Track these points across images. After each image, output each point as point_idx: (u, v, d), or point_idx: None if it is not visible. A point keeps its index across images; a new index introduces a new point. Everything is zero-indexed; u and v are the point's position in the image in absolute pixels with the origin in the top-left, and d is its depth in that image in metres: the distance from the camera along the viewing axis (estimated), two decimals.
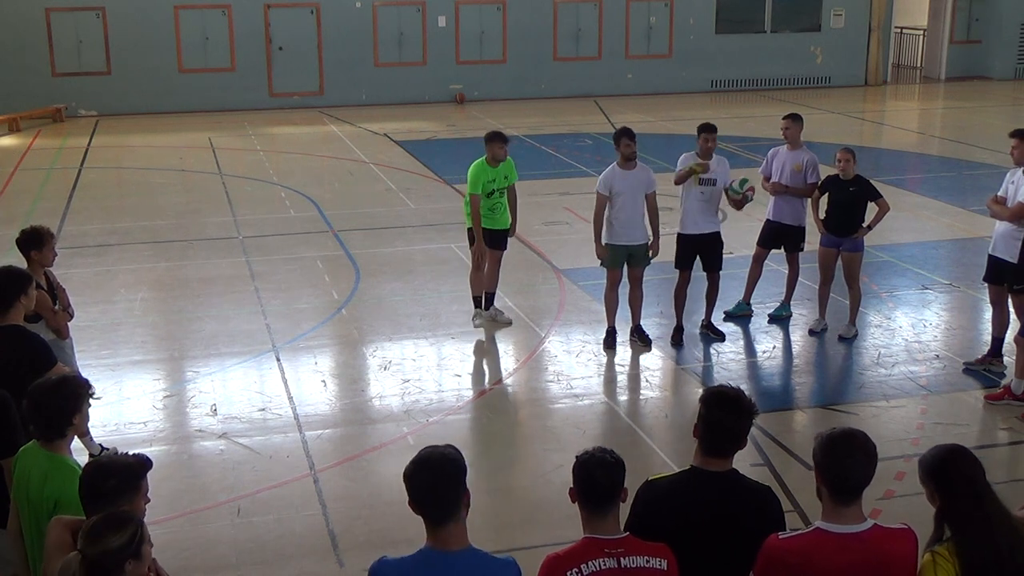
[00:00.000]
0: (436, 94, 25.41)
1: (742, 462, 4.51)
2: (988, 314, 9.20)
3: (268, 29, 24.46)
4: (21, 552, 4.39)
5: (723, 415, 3.86)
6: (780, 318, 10.12)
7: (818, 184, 9.61)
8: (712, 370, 9.15)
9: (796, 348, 9.69)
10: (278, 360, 9.26)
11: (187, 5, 23.82)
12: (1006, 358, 8.77)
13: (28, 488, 4.24)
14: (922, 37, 29.97)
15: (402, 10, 25.08)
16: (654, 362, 9.25)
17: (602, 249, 9.18)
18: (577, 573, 3.55)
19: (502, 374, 9.21)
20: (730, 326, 9.99)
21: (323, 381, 8.87)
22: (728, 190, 9.38)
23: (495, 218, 9.81)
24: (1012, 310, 8.67)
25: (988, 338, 9.08)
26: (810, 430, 7.80)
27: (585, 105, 24.59)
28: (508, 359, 9.52)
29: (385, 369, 9.08)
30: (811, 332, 9.82)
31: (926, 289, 11.04)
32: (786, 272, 10.14)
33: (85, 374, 6.25)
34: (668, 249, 9.67)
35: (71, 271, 11.19)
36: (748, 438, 3.98)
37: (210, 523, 6.65)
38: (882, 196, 9.45)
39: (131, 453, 3.93)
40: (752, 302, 10.24)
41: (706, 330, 9.77)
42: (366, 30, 24.95)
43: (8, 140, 20.90)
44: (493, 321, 10.04)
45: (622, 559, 3.59)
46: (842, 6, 27.49)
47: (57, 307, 7.09)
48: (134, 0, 23.54)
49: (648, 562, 3.61)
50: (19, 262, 6.67)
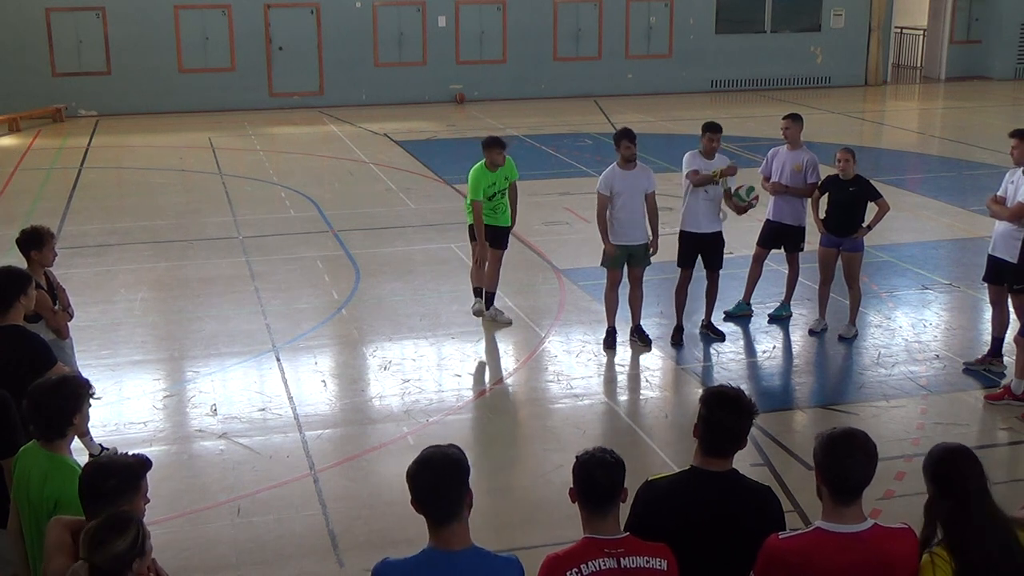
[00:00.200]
0: (436, 94, 25.40)
1: (742, 462, 4.51)
2: (988, 314, 9.19)
3: (268, 29, 24.46)
4: (21, 552, 4.39)
5: (723, 415, 3.86)
6: (780, 318, 10.12)
7: (818, 184, 9.61)
8: (712, 370, 9.15)
9: (796, 348, 9.69)
10: (278, 360, 9.26)
11: (187, 5, 23.81)
12: (1006, 358, 8.77)
13: (28, 488, 4.24)
14: (922, 37, 29.97)
15: (402, 10, 25.08)
16: (654, 362, 9.25)
17: (611, 247, 9.18)
18: (577, 573, 3.55)
19: (502, 374, 9.21)
20: (730, 326, 9.99)
21: (323, 381, 8.87)
22: (733, 195, 9.37)
23: (497, 216, 9.88)
24: (1012, 310, 8.67)
25: (988, 338, 9.08)
26: (810, 430, 7.80)
27: (585, 105, 24.58)
28: (508, 359, 9.52)
29: (385, 369, 9.08)
30: (811, 332, 9.82)
31: (926, 289, 11.04)
32: (786, 272, 10.14)
33: (85, 374, 6.22)
34: (667, 249, 9.67)
35: (71, 271, 11.18)
36: (748, 438, 3.98)
37: (210, 523, 6.65)
38: (882, 196, 9.45)
39: (131, 453, 3.94)
40: (752, 302, 10.24)
41: (706, 330, 9.77)
42: (366, 30, 24.95)
43: (8, 140, 20.90)
44: (493, 321, 10.04)
45: (622, 559, 3.58)
46: (842, 6, 27.48)
47: (57, 307, 7.08)
48: (134, 0, 23.55)
49: (648, 562, 3.61)
50: (19, 262, 6.67)
